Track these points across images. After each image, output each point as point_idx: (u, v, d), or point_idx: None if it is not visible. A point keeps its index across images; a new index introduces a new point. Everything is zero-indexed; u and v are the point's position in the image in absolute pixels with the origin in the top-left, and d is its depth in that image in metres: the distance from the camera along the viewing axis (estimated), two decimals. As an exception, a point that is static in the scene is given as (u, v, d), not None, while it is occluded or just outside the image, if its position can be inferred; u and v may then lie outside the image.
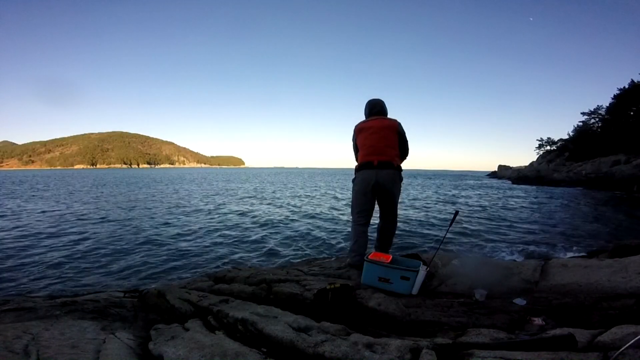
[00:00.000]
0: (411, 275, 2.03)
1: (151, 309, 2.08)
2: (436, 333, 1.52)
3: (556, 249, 5.60)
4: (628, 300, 1.63)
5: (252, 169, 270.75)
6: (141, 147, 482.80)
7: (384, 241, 2.69)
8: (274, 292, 2.09)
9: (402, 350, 1.15)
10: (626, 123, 28.58)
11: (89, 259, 4.94)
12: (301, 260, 4.70)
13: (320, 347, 1.23)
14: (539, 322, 1.50)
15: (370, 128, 2.58)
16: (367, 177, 2.50)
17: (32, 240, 6.16)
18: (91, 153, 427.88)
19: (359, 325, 1.65)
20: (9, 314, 1.72)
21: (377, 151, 2.50)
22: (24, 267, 4.51)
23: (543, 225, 8.25)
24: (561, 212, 10.83)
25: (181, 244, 5.95)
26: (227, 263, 4.82)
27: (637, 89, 29.24)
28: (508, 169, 49.07)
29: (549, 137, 54.77)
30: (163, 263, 4.78)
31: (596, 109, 37.45)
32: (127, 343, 1.43)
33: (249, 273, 2.65)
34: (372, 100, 2.78)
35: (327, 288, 1.87)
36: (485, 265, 2.38)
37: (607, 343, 1.08)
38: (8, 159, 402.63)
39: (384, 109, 2.74)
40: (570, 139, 39.81)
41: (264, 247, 5.83)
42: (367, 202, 2.56)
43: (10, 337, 1.31)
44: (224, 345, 1.29)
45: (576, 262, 2.19)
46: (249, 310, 1.65)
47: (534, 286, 2.02)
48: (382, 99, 2.79)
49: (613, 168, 22.86)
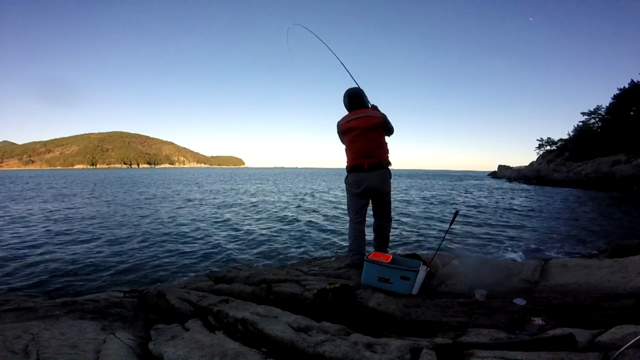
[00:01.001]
0: (411, 275, 2.03)
1: (151, 309, 2.08)
2: (436, 333, 1.52)
3: (556, 249, 5.60)
4: (628, 300, 1.63)
5: (252, 169, 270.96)
6: (141, 147, 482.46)
7: (381, 239, 2.72)
8: (274, 292, 2.09)
9: (402, 350, 1.15)
10: (626, 123, 28.57)
11: (89, 259, 4.94)
12: (301, 260, 4.70)
13: (321, 347, 1.23)
14: (539, 322, 1.50)
15: (355, 129, 2.55)
16: (358, 179, 2.56)
17: (32, 241, 6.16)
18: (91, 153, 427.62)
19: (359, 325, 1.65)
20: (9, 314, 1.73)
21: (366, 154, 2.54)
22: (24, 267, 4.50)
23: (543, 225, 8.25)
24: (561, 212, 10.82)
25: (181, 244, 5.95)
26: (227, 263, 4.81)
27: (637, 89, 29.23)
28: (508, 169, 49.05)
29: (549, 137, 54.77)
30: (163, 263, 4.78)
31: (596, 109, 37.43)
32: (127, 343, 1.43)
33: (249, 273, 2.66)
34: (352, 91, 2.70)
35: (327, 288, 1.87)
36: (485, 265, 2.38)
37: (607, 343, 1.08)
38: (8, 159, 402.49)
39: (365, 100, 2.68)
40: (570, 139, 39.78)
41: (264, 247, 5.83)
42: (361, 202, 2.62)
43: (10, 337, 1.31)
44: (224, 345, 1.29)
45: (576, 262, 2.19)
46: (249, 310, 1.65)
47: (534, 286, 2.02)
48: (362, 89, 2.70)
49: (613, 168, 22.84)
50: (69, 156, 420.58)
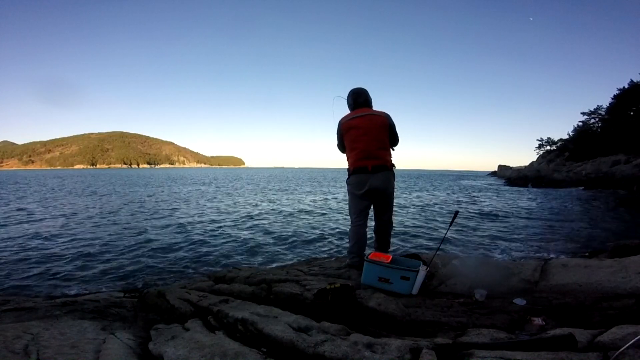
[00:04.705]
0: (411, 275, 2.03)
1: (151, 309, 2.09)
2: (436, 333, 1.52)
3: (556, 248, 5.60)
4: (628, 300, 1.62)
5: (252, 169, 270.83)
6: (141, 147, 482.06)
7: (382, 241, 2.68)
8: (274, 292, 2.09)
9: (402, 350, 1.15)
10: (626, 123, 28.56)
11: (89, 259, 4.94)
12: (301, 260, 4.70)
13: (320, 347, 1.23)
14: (539, 322, 1.50)
15: (360, 128, 2.47)
16: (362, 181, 2.46)
17: (32, 241, 6.16)
18: (91, 153, 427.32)
19: (359, 325, 1.65)
20: (9, 314, 1.73)
21: (371, 155, 2.45)
22: (24, 267, 4.51)
23: (543, 225, 8.24)
24: (561, 212, 10.82)
25: (181, 245, 5.94)
26: (227, 263, 4.81)
27: (637, 89, 29.22)
28: (508, 169, 49.04)
29: (549, 137, 54.74)
30: (163, 263, 4.78)
31: (596, 109, 37.43)
32: (127, 343, 1.43)
33: (249, 273, 2.66)
34: (356, 89, 2.64)
35: (327, 288, 1.87)
36: (485, 266, 2.38)
37: (607, 343, 1.08)
38: (8, 159, 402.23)
39: (369, 100, 2.63)
40: (570, 139, 39.78)
41: (264, 247, 5.83)
42: (364, 204, 2.55)
43: (10, 337, 1.31)
44: (224, 345, 1.30)
45: (576, 262, 2.19)
46: (249, 310, 1.65)
47: (534, 286, 2.02)
48: (366, 89, 2.63)
49: (613, 168, 22.83)
50: (69, 156, 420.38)
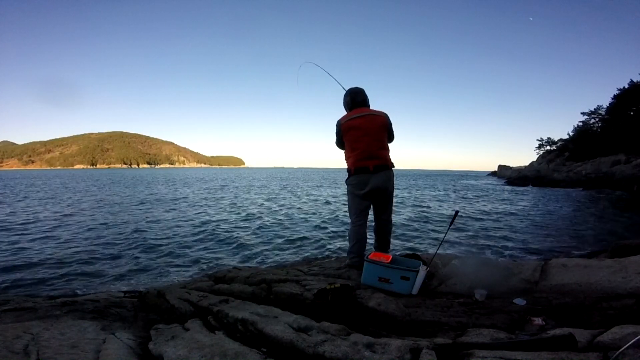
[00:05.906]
0: (411, 275, 2.03)
1: (151, 309, 2.08)
2: (436, 333, 1.52)
3: (556, 249, 5.60)
4: (628, 300, 1.63)
5: (253, 169, 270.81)
6: (141, 147, 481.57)
7: (382, 240, 2.68)
8: (274, 292, 2.09)
9: (402, 350, 1.15)
10: (626, 123, 28.53)
11: (89, 259, 4.94)
12: (301, 260, 4.70)
13: (320, 347, 1.23)
14: (539, 322, 1.50)
15: (360, 128, 2.46)
16: (363, 181, 2.46)
17: (32, 241, 6.16)
18: (91, 153, 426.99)
19: (359, 325, 1.65)
20: (9, 314, 1.73)
21: (372, 155, 2.45)
22: (24, 267, 4.51)
23: (543, 225, 8.25)
24: (561, 212, 10.83)
25: (181, 245, 5.95)
26: (227, 263, 4.81)
27: (637, 89, 29.20)
28: (508, 169, 49.04)
29: (549, 137, 54.70)
30: (163, 263, 4.78)
31: (596, 109, 37.39)
32: (127, 343, 1.43)
33: (249, 273, 2.65)
34: (354, 89, 2.65)
35: (327, 288, 1.87)
36: (485, 266, 2.37)
37: (607, 343, 1.08)
38: (8, 159, 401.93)
39: (367, 99, 2.64)
40: (570, 139, 39.75)
41: (263, 247, 5.83)
42: (364, 204, 2.54)
43: (10, 337, 1.31)
44: (224, 345, 1.30)
45: (576, 262, 2.19)
46: (249, 310, 1.65)
47: (534, 286, 2.02)
48: (364, 89, 2.65)
49: (613, 168, 22.82)
50: (69, 156, 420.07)
